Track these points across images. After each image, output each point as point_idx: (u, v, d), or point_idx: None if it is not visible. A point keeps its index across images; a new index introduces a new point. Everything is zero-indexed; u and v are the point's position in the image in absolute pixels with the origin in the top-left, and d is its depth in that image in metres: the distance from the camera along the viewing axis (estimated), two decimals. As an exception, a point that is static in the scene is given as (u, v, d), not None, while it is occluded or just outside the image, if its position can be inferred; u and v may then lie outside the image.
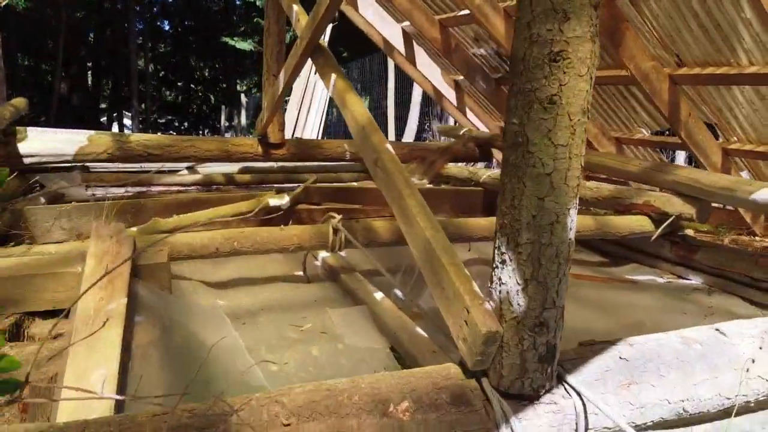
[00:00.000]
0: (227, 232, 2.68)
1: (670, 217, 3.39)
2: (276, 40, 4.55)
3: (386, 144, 2.05)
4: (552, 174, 1.21)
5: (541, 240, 1.25)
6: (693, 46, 3.57)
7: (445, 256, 1.50)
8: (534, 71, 1.17)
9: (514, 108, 1.22)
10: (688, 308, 2.92)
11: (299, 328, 2.35)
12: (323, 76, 2.77)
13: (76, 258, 1.72)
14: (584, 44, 1.15)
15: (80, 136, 4.39)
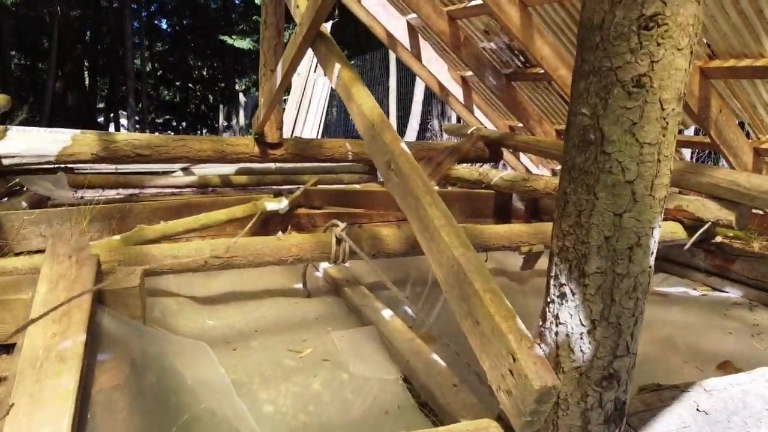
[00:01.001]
0: (218, 243, 2.38)
1: (705, 223, 3.09)
2: (273, 32, 4.26)
3: (401, 143, 1.74)
4: (635, 182, 0.90)
5: (616, 269, 0.94)
6: (730, 36, 3.26)
7: (480, 280, 1.20)
8: (616, 43, 0.87)
9: (584, 93, 0.92)
10: (732, 326, 2.62)
11: (298, 354, 2.05)
12: (326, 66, 2.46)
13: (29, 281, 1.42)
14: (687, 5, 0.84)
15: (64, 135, 4.08)
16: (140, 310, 1.56)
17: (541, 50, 4.28)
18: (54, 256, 1.44)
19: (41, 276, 1.36)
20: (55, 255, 1.44)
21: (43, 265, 1.42)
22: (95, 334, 1.32)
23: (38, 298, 1.29)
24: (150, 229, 3.09)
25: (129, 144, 4.15)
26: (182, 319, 2.24)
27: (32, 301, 1.31)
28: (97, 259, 1.51)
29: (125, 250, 2.27)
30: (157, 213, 3.72)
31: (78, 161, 4.16)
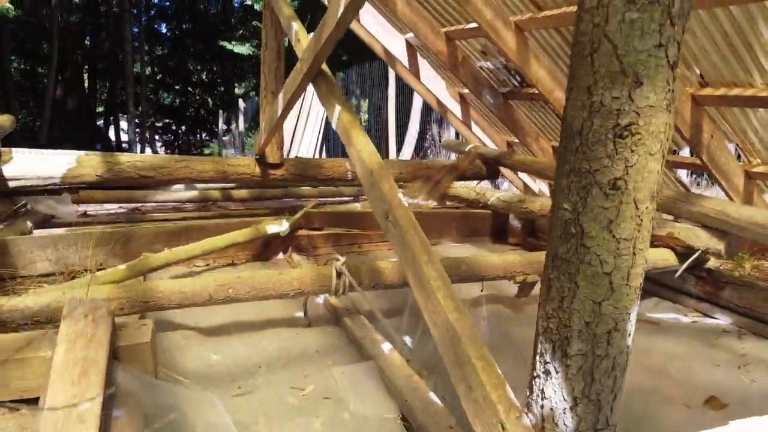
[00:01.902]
0: (221, 279, 2.46)
1: (695, 251, 3.17)
2: (274, 55, 4.34)
3: (398, 194, 1.82)
4: (612, 273, 0.98)
5: (596, 351, 1.02)
6: (720, 66, 3.34)
7: (473, 347, 1.28)
8: (594, 148, 0.94)
9: (565, 190, 1.00)
10: (720, 357, 2.69)
11: (301, 391, 2.12)
12: (326, 105, 2.53)
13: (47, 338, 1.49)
14: (658, 115, 0.92)
15: (69, 157, 4.16)
16: (152, 364, 1.64)
17: (537, 73, 4.35)
18: (72, 316, 1.52)
19: (60, 335, 1.44)
20: (72, 315, 1.52)
21: (62, 324, 1.49)
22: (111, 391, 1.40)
23: (57, 358, 1.37)
24: (154, 258, 3.18)
25: (132, 166, 4.23)
26: (189, 355, 2.31)
27: (52, 359, 1.39)
28: (112, 317, 1.59)
29: (133, 287, 2.35)
30: (159, 237, 3.79)
31: (83, 183, 4.23)
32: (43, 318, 2.21)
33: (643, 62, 0.88)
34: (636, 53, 0.88)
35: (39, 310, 2.20)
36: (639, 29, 0.87)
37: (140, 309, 2.34)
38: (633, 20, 0.87)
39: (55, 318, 2.21)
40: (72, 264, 3.56)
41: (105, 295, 2.25)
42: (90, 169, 4.12)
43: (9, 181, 4.06)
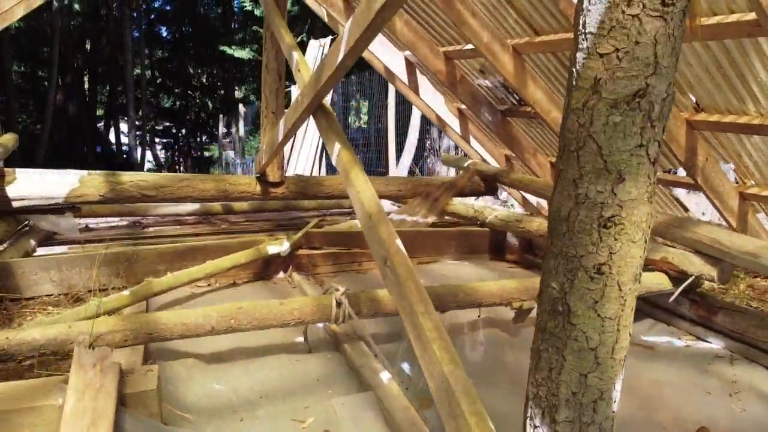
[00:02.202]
0: (223, 309, 2.52)
1: (689, 276, 3.23)
2: (275, 76, 4.41)
3: (397, 241, 1.87)
4: (597, 348, 1.04)
5: (582, 419, 1.08)
6: (714, 93, 3.41)
7: (467, 401, 1.34)
8: (580, 236, 1.01)
9: (554, 271, 1.06)
10: (711, 384, 2.75)
11: (301, 424, 2.18)
12: (326, 141, 2.59)
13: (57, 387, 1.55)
14: (640, 207, 0.98)
15: (72, 177, 4.22)
16: (157, 407, 1.70)
17: (534, 94, 4.42)
18: (80, 365, 1.58)
19: (69, 386, 1.50)
20: (81, 365, 1.58)
21: (71, 374, 1.55)
22: (118, 437, 1.46)
23: (68, 408, 1.43)
24: (157, 282, 3.23)
25: (135, 185, 4.29)
26: (191, 386, 2.37)
27: (62, 408, 1.45)
28: (119, 366, 1.64)
29: (137, 320, 2.41)
30: (163, 258, 3.84)
31: (86, 202, 4.29)
32: (49, 351, 2.27)
33: (625, 161, 0.94)
34: (619, 153, 0.94)
35: (46, 343, 2.26)
36: (621, 131, 0.93)
37: (144, 340, 2.40)
38: (616, 123, 0.93)
39: (61, 351, 2.27)
40: (75, 285, 3.61)
41: (109, 327, 2.32)
42: (92, 189, 4.18)
43: (13, 201, 4.13)
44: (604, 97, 0.92)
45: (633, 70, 0.90)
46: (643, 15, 0.87)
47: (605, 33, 0.91)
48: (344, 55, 2.07)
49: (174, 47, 27.22)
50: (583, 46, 0.95)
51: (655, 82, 0.91)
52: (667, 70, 0.91)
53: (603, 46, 0.91)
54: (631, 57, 0.90)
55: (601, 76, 0.92)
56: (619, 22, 0.89)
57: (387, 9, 1.73)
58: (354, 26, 1.96)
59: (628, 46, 0.89)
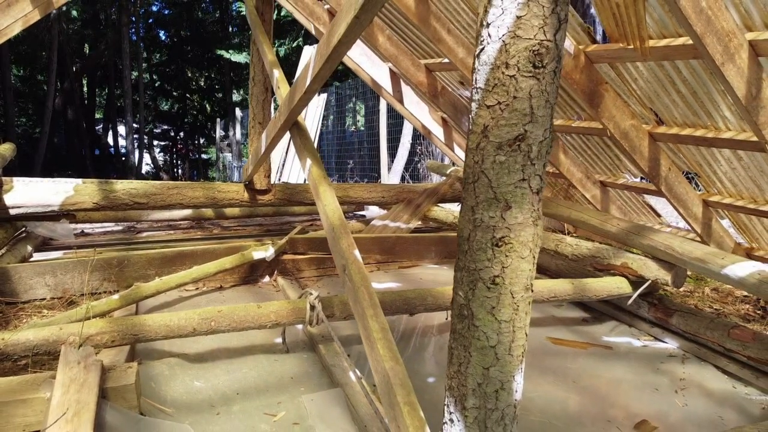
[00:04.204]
0: (204, 312, 2.71)
1: (646, 280, 3.44)
2: (261, 88, 4.61)
3: (354, 251, 2.08)
4: (496, 346, 1.24)
5: (487, 405, 1.28)
6: (672, 108, 3.61)
7: (402, 393, 1.54)
8: (478, 253, 1.21)
9: (460, 282, 1.26)
10: (660, 382, 2.95)
11: (273, 417, 2.38)
12: (300, 156, 2.80)
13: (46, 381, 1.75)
14: (526, 229, 1.19)
15: (66, 185, 4.42)
16: (136, 400, 1.90)
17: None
18: (66, 362, 1.78)
19: (56, 381, 1.70)
20: (67, 362, 1.78)
21: (58, 371, 1.75)
22: (100, 426, 1.65)
23: (54, 400, 1.63)
24: (145, 287, 3.43)
25: (127, 193, 4.49)
26: (173, 384, 2.57)
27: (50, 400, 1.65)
28: (101, 363, 1.84)
29: (124, 322, 2.61)
30: (152, 263, 4.05)
31: (80, 209, 4.49)
32: (42, 351, 2.47)
33: (511, 192, 1.14)
34: (505, 186, 1.14)
35: (39, 344, 2.46)
36: (507, 168, 1.13)
37: (130, 341, 2.60)
38: (501, 162, 1.13)
39: (53, 350, 2.47)
40: (69, 289, 3.81)
41: (98, 329, 2.52)
42: (86, 197, 4.38)
43: (10, 209, 4.33)
44: (491, 140, 1.12)
45: (513, 119, 1.10)
46: (519, 75, 1.07)
47: (490, 89, 1.11)
48: (311, 80, 2.27)
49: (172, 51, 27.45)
50: (476, 99, 1.15)
51: (532, 129, 1.11)
52: (543, 118, 1.11)
53: (489, 99, 1.11)
54: (510, 108, 1.10)
55: (488, 123, 1.12)
56: (500, 80, 1.09)
57: (343, 44, 1.93)
58: (318, 56, 2.16)
59: (508, 99, 1.09)
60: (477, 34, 1.13)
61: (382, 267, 4.82)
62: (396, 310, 3.06)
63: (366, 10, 1.68)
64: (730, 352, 3.07)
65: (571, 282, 3.46)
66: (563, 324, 3.77)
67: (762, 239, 4.27)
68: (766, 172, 3.48)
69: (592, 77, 3.61)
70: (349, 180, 14.57)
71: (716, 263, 3.00)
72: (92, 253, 4.01)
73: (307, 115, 12.16)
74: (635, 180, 4.87)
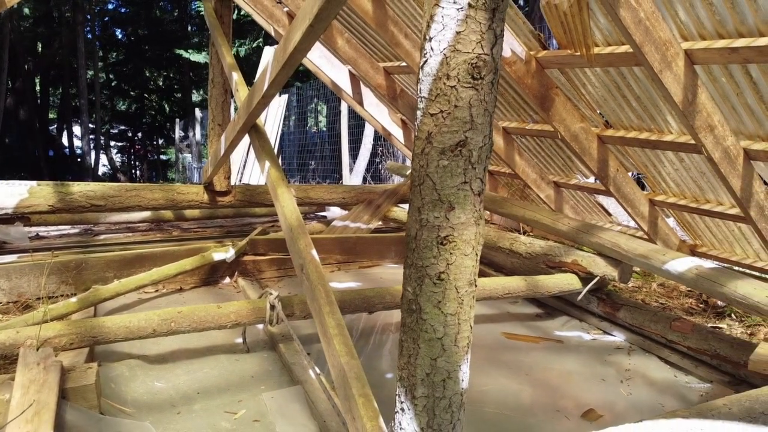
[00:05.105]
0: (164, 313, 2.74)
1: (595, 276, 3.60)
2: (221, 90, 4.63)
3: (312, 251, 2.15)
4: (443, 338, 1.33)
5: (435, 394, 1.37)
6: (618, 112, 3.78)
7: (357, 385, 1.62)
8: (425, 251, 1.29)
9: (408, 278, 1.34)
10: (607, 373, 3.10)
11: (233, 415, 2.42)
12: (258, 159, 2.85)
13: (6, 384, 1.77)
14: (469, 228, 1.28)
15: (21, 188, 4.34)
16: (96, 399, 1.92)
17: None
18: (25, 364, 1.79)
19: (16, 382, 1.71)
20: (26, 363, 1.79)
21: (17, 372, 1.77)
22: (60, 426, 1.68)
23: (14, 401, 1.64)
24: (104, 289, 3.42)
25: (84, 195, 4.44)
26: (134, 385, 2.59)
27: (9, 402, 1.67)
28: (60, 364, 1.87)
29: (82, 324, 2.62)
30: (111, 265, 4.03)
31: (35, 212, 4.42)
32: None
33: (454, 194, 1.23)
34: (449, 188, 1.22)
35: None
36: (449, 172, 1.22)
37: (89, 343, 2.61)
38: (444, 166, 1.21)
39: (9, 354, 2.45)
40: (25, 293, 3.77)
41: (56, 332, 2.51)
42: (42, 200, 4.32)
43: (-38, 212, 4.24)
44: (435, 146, 1.21)
45: (454, 126, 1.19)
46: (459, 86, 1.16)
47: (433, 98, 1.19)
48: (268, 85, 2.33)
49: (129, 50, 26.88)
50: (420, 107, 1.23)
51: (472, 135, 1.20)
52: (482, 126, 1.20)
53: (432, 107, 1.20)
54: (452, 117, 1.18)
55: (432, 130, 1.21)
56: (442, 90, 1.18)
57: (299, 51, 2.00)
58: (275, 62, 2.22)
59: (449, 108, 1.18)
60: (421, 47, 1.21)
61: (342, 267, 4.89)
62: (355, 309, 3.13)
63: (320, 19, 1.75)
64: (671, 344, 3.24)
65: (525, 279, 3.59)
66: (517, 320, 3.91)
67: (704, 236, 4.49)
68: (705, 173, 3.68)
69: (543, 82, 3.75)
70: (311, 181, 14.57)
71: (658, 259, 3.17)
72: (49, 257, 3.96)
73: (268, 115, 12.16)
74: (587, 180, 5.06)
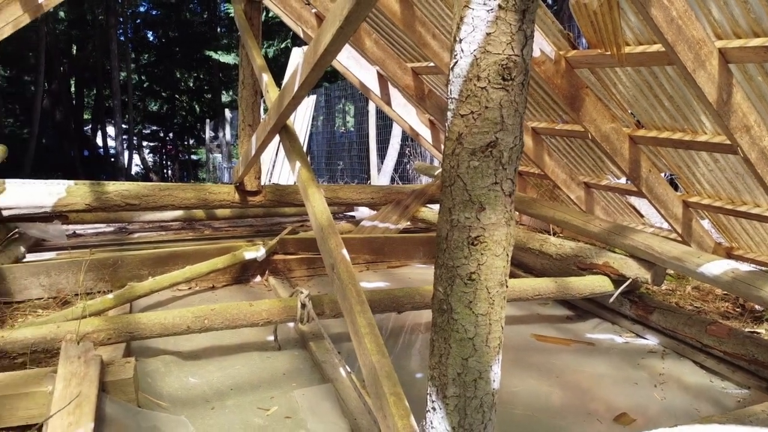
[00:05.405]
0: (198, 310, 2.79)
1: (627, 279, 3.55)
2: (251, 91, 4.69)
3: (342, 250, 2.17)
4: (474, 338, 1.34)
5: (466, 394, 1.38)
6: (650, 111, 3.73)
7: (388, 384, 1.63)
8: (456, 251, 1.30)
9: (439, 278, 1.35)
10: (640, 376, 3.06)
11: (266, 411, 2.46)
12: (289, 159, 2.89)
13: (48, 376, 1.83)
14: (499, 229, 1.28)
15: (59, 187, 4.47)
16: (134, 393, 1.98)
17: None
18: (67, 357, 1.85)
19: (58, 375, 1.78)
20: (68, 357, 1.85)
21: (59, 365, 1.83)
22: (100, 418, 1.73)
23: (56, 393, 1.70)
24: (139, 287, 3.50)
25: (119, 194, 4.55)
26: (169, 380, 2.65)
27: (52, 394, 1.73)
28: (100, 358, 1.92)
29: (119, 320, 2.69)
30: (145, 263, 4.12)
31: (72, 211, 4.55)
32: (39, 348, 2.54)
33: (485, 194, 1.24)
34: (479, 189, 1.23)
35: (36, 342, 2.53)
36: (480, 173, 1.22)
37: (125, 339, 2.68)
38: (475, 167, 1.22)
39: (50, 348, 2.54)
40: (64, 289, 3.88)
41: (94, 327, 2.59)
42: (79, 198, 4.44)
43: (3, 210, 4.39)
44: (465, 147, 1.22)
45: (485, 127, 1.20)
46: (490, 87, 1.17)
47: (464, 99, 1.20)
48: (298, 86, 2.36)
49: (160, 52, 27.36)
50: (451, 108, 1.25)
51: (502, 136, 1.21)
52: (513, 126, 1.21)
53: (462, 109, 1.21)
54: (482, 118, 1.19)
55: (462, 131, 1.22)
56: (473, 92, 1.19)
57: (329, 53, 2.03)
58: (305, 63, 2.26)
59: (480, 109, 1.19)
60: (451, 49, 1.22)
61: (371, 267, 4.91)
62: (384, 308, 3.15)
63: (350, 21, 1.77)
64: (707, 348, 3.18)
65: (555, 281, 3.56)
66: (548, 321, 3.88)
67: (741, 239, 4.40)
68: (741, 174, 3.60)
69: (572, 82, 3.72)
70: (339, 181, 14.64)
71: (692, 262, 3.12)
72: (86, 254, 4.07)
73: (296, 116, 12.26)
74: (618, 181, 4.99)
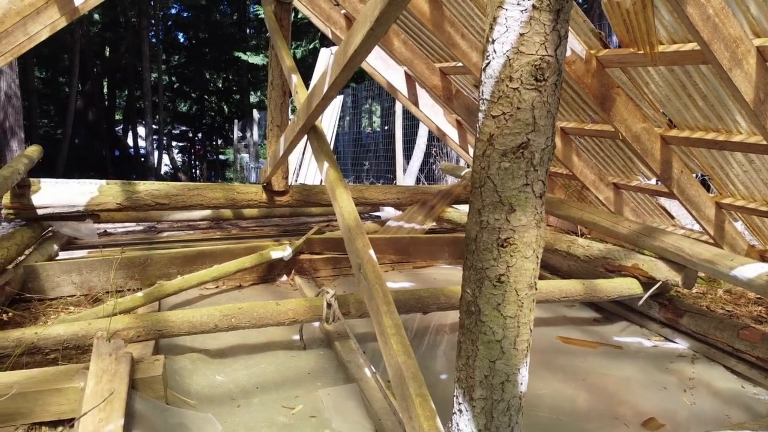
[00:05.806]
0: (225, 309, 2.82)
1: (656, 281, 3.49)
2: (280, 92, 4.72)
3: (369, 251, 2.17)
4: (502, 341, 1.33)
5: (493, 396, 1.37)
6: (683, 111, 3.66)
7: (414, 385, 1.63)
8: (484, 253, 1.29)
9: (467, 280, 1.35)
10: (669, 381, 3.00)
11: (291, 410, 2.48)
12: (317, 159, 2.90)
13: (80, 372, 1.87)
14: (529, 231, 1.27)
15: (91, 186, 4.57)
16: (163, 391, 2.01)
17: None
18: (99, 354, 1.89)
19: (90, 371, 1.81)
20: (99, 354, 1.89)
21: (91, 362, 1.87)
22: (130, 414, 1.76)
23: (88, 390, 1.74)
24: (168, 285, 3.55)
25: (149, 194, 4.63)
26: (196, 378, 2.68)
27: (84, 390, 1.76)
28: (131, 355, 1.96)
29: (149, 318, 2.73)
30: (174, 262, 4.18)
31: (104, 210, 4.64)
32: (71, 345, 2.59)
33: (515, 196, 1.23)
34: (510, 190, 1.22)
35: (69, 338, 2.58)
36: (511, 174, 1.21)
37: (154, 336, 2.72)
38: (506, 168, 1.21)
39: (81, 344, 2.59)
40: (95, 287, 3.95)
41: (125, 325, 2.63)
42: (110, 198, 4.53)
43: (38, 209, 4.49)
44: (497, 148, 1.21)
45: (516, 129, 1.19)
46: (522, 88, 1.16)
47: (495, 100, 1.19)
48: (328, 87, 2.37)
49: (190, 53, 27.76)
50: (482, 109, 1.24)
51: (534, 137, 1.19)
52: (545, 127, 1.19)
53: (494, 110, 1.20)
54: (514, 119, 1.18)
55: (494, 132, 1.21)
56: (505, 93, 1.17)
57: (359, 54, 2.03)
58: (335, 64, 2.26)
59: (512, 110, 1.18)
60: (483, 50, 1.21)
61: (396, 267, 4.91)
62: (410, 309, 3.15)
63: (381, 23, 1.77)
64: (739, 353, 3.11)
65: (582, 282, 3.52)
66: (574, 324, 3.83)
67: (775, 241, 4.30)
68: (777, 175, 3.52)
69: (603, 81, 3.67)
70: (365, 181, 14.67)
71: (725, 265, 3.05)
72: (118, 252, 4.15)
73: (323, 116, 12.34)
74: (648, 182, 4.91)
